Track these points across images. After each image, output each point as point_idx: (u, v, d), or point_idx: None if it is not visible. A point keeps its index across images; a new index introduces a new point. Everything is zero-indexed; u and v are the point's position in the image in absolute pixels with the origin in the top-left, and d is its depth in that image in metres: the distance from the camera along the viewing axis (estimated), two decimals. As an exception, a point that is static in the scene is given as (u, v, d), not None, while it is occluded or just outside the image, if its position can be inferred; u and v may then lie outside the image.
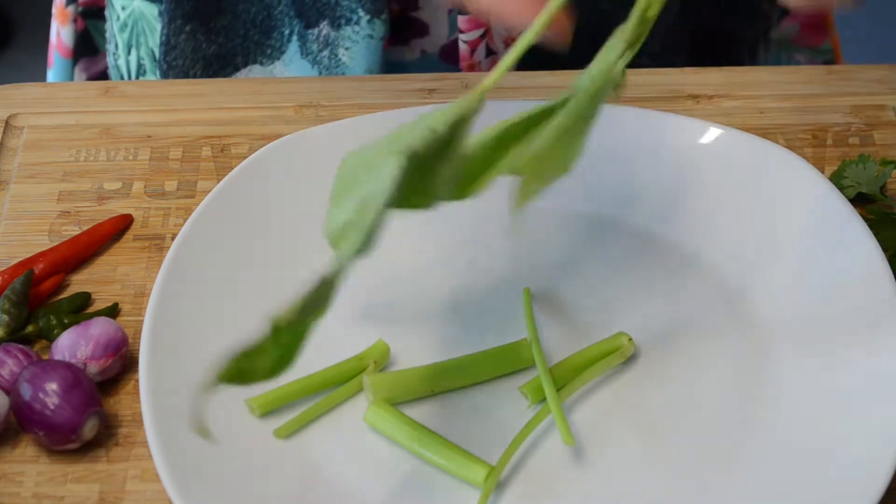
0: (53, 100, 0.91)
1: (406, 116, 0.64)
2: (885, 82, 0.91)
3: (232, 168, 0.83)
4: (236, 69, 0.97)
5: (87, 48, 1.07)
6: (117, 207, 0.84)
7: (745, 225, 0.79)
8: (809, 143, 0.87)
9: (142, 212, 0.84)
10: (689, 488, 0.70)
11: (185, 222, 0.78)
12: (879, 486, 0.67)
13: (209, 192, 0.80)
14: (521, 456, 0.71)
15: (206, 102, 0.90)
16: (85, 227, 0.82)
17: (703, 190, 0.81)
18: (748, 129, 0.84)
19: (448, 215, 0.72)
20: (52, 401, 0.70)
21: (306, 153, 0.82)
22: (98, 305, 0.79)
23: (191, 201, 0.84)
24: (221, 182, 0.80)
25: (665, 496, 0.70)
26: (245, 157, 0.82)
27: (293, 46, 0.96)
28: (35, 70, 2.23)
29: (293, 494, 0.70)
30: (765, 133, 0.85)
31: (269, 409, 0.72)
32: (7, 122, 0.89)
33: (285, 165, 0.81)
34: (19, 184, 0.85)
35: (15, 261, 0.80)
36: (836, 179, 0.83)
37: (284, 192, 0.80)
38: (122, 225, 0.83)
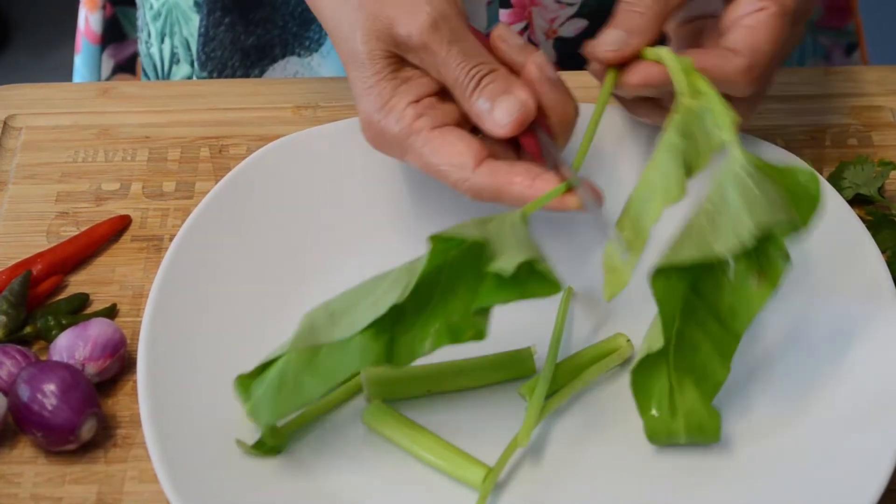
0: (52, 101, 0.90)
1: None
2: (883, 83, 0.91)
3: (230, 169, 0.82)
4: (274, 61, 0.97)
5: (116, 34, 1.07)
6: (115, 208, 0.84)
7: (743, 226, 0.79)
8: (808, 143, 0.87)
9: (140, 212, 0.84)
10: (688, 488, 0.70)
11: (183, 223, 0.78)
12: (879, 486, 0.67)
13: (207, 192, 0.79)
14: (520, 456, 0.71)
15: (204, 103, 0.90)
16: (83, 228, 0.82)
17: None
18: (747, 130, 0.84)
19: (451, 218, 0.72)
20: (50, 402, 0.70)
21: (304, 154, 0.82)
22: (96, 306, 0.79)
23: (189, 202, 0.84)
24: (219, 183, 0.80)
25: (663, 496, 0.70)
26: (243, 158, 0.82)
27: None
28: (35, 70, 2.23)
29: (291, 495, 0.69)
30: (764, 134, 0.85)
31: (267, 410, 0.72)
32: (5, 123, 0.89)
33: (283, 166, 0.81)
34: (17, 185, 0.85)
35: (13, 262, 0.80)
36: (835, 180, 0.83)
37: (282, 193, 0.80)
38: (120, 226, 0.83)
